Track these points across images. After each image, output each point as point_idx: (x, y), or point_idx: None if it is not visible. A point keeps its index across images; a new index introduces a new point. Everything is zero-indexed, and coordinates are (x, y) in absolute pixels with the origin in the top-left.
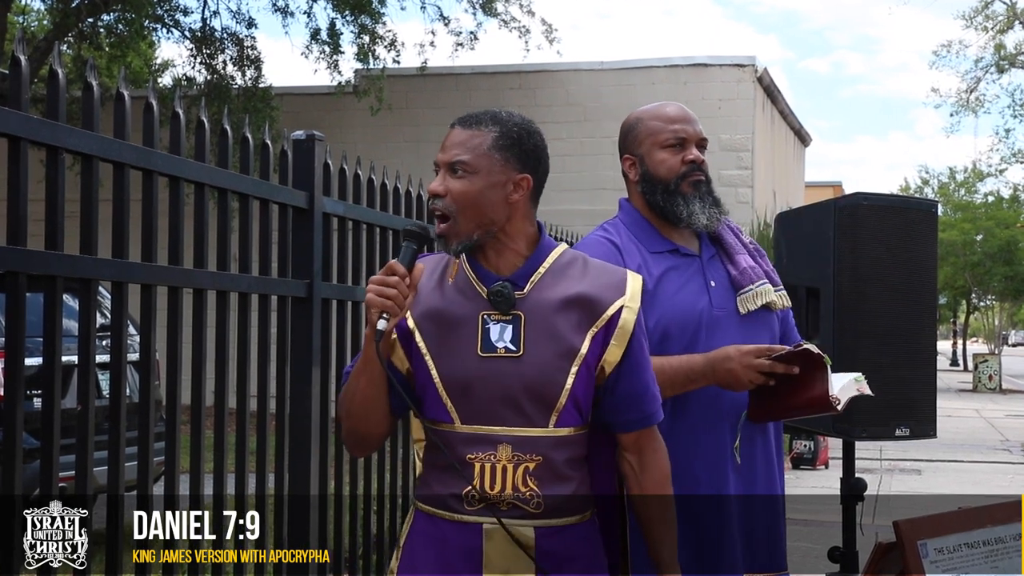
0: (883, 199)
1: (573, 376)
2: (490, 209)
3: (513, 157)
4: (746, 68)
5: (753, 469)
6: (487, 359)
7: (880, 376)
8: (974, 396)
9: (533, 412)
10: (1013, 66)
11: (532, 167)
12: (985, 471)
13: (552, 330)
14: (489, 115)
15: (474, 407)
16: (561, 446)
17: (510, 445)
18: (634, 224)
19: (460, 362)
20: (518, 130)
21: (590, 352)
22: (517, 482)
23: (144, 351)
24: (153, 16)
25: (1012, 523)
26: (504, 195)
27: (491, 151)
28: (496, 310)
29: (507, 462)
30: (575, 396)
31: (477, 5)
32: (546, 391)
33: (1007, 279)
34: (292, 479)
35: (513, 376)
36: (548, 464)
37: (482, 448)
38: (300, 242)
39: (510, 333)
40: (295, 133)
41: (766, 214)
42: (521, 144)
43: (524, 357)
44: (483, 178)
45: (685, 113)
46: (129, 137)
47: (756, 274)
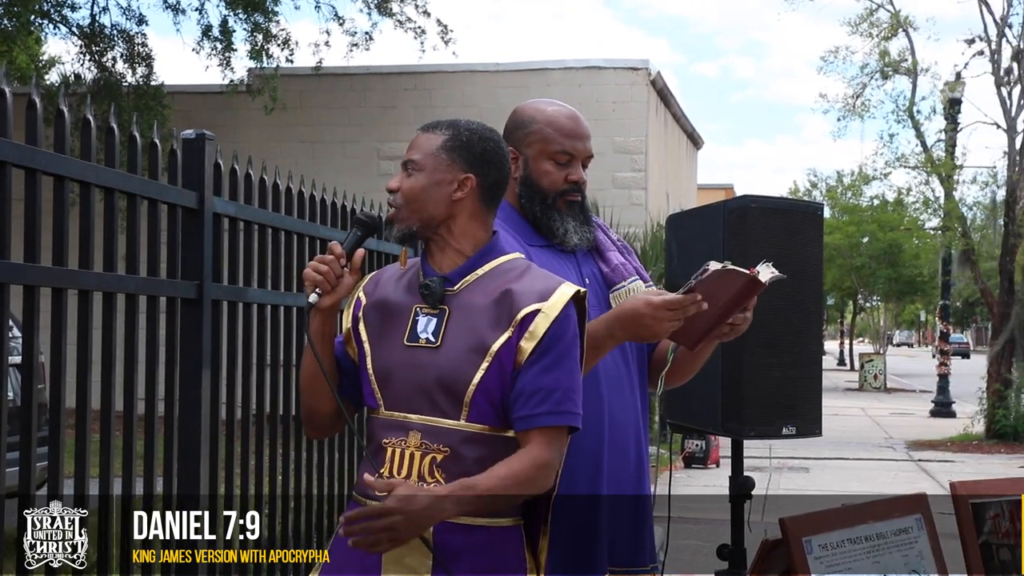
0: (771, 201)
1: (482, 371)
2: (432, 205)
3: (460, 158)
4: (640, 71)
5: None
6: (409, 348)
7: (767, 376)
8: (860, 395)
9: (445, 404)
10: (897, 72)
11: (479, 169)
12: (870, 468)
13: (471, 326)
14: (448, 121)
15: (395, 394)
16: (473, 443)
17: (419, 433)
18: (509, 220)
19: (388, 350)
20: (468, 134)
21: (504, 350)
22: (423, 471)
23: (27, 353)
24: (40, 11)
25: (893, 519)
26: (447, 193)
27: (439, 151)
28: (425, 303)
29: (415, 449)
30: (485, 391)
31: (372, 5)
32: (455, 383)
33: (891, 281)
34: (181, 482)
35: (429, 366)
36: (456, 458)
37: (396, 434)
38: (190, 243)
39: (433, 325)
40: (185, 132)
41: (659, 216)
42: (470, 147)
43: (441, 349)
44: (428, 175)
45: (580, 129)
46: (11, 135)
47: (627, 270)
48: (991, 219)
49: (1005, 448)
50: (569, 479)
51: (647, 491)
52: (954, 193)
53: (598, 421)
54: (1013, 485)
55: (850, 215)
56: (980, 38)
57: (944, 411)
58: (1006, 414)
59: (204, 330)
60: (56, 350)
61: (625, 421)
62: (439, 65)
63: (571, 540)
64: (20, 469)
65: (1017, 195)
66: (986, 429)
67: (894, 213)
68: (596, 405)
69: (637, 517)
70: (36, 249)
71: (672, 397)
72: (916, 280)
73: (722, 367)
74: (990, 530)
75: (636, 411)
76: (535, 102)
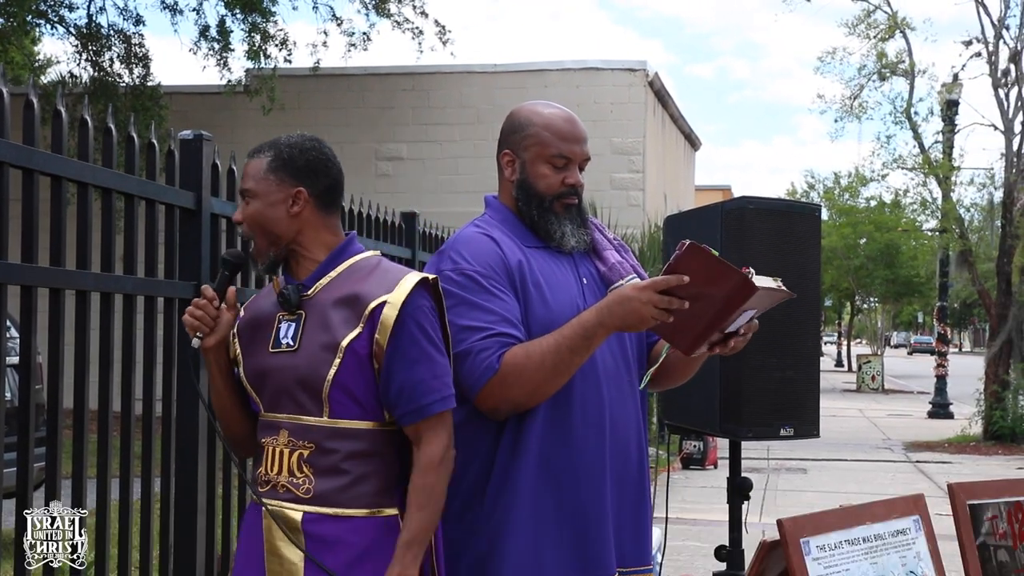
0: (768, 203)
1: (335, 367)
2: (275, 225)
3: (287, 175)
4: (637, 72)
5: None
6: (274, 354)
7: (765, 377)
8: (858, 396)
9: (306, 402)
10: (894, 74)
11: (307, 180)
12: (868, 469)
13: (325, 326)
14: (269, 142)
15: (266, 397)
16: (340, 438)
17: (287, 431)
18: (506, 222)
19: (257, 359)
20: (289, 150)
21: (357, 344)
22: (293, 467)
23: (25, 353)
24: (37, 11)
25: (891, 520)
26: (284, 210)
27: (266, 174)
28: (284, 310)
29: (284, 446)
30: (342, 386)
31: (370, 6)
32: (312, 381)
33: (888, 282)
34: (179, 483)
35: (289, 368)
36: (322, 453)
37: (270, 433)
38: (187, 243)
39: (292, 330)
40: (182, 133)
41: (657, 217)
42: (293, 162)
43: (298, 351)
44: (262, 199)
45: (577, 132)
46: (9, 135)
47: (625, 269)
48: (988, 221)
49: (1002, 449)
50: (574, 478)
51: (648, 490)
52: (952, 194)
53: (600, 420)
54: (1010, 486)
55: (847, 216)
56: (977, 39)
57: (942, 412)
58: (1003, 415)
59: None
60: (54, 350)
61: (626, 421)
62: (437, 66)
63: (580, 538)
64: (17, 469)
65: (1014, 197)
66: (983, 430)
67: (891, 215)
68: (598, 404)
69: (639, 516)
70: (34, 249)
71: (670, 398)
72: (913, 281)
73: (720, 368)
74: (988, 531)
75: (636, 411)
76: (531, 104)
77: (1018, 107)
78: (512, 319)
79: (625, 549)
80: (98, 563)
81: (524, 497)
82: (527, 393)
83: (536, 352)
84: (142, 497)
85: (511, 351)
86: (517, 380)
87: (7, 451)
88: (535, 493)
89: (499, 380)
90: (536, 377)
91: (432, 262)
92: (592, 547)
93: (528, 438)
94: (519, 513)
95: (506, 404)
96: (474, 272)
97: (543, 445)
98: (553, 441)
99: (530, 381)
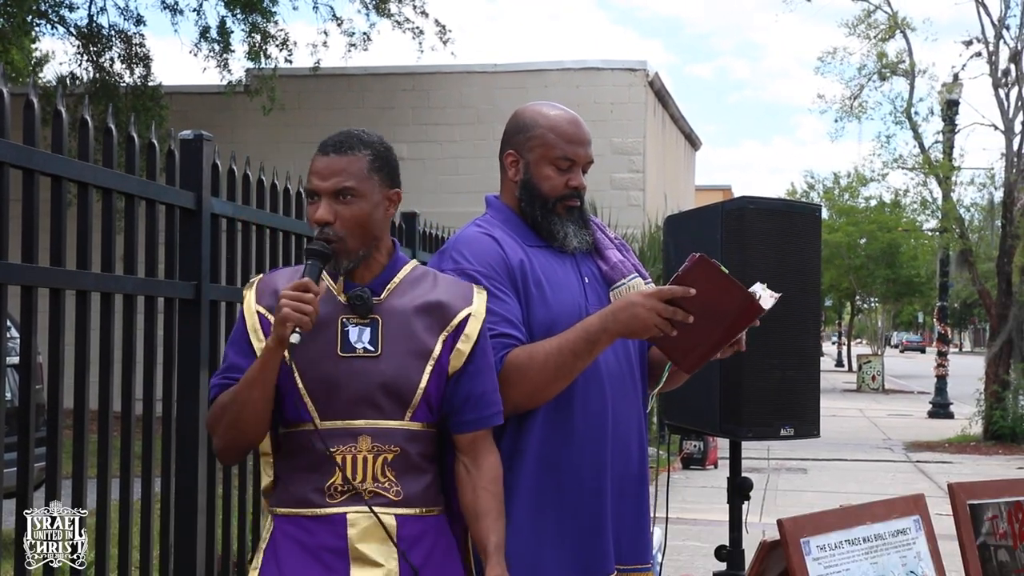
0: (769, 203)
1: (427, 375)
2: (376, 228)
3: (386, 176)
4: (637, 72)
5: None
6: (346, 359)
7: (765, 377)
8: (858, 396)
9: (388, 407)
10: (894, 74)
11: (398, 181)
12: (868, 469)
13: (408, 332)
14: (355, 138)
15: (334, 404)
16: (415, 440)
17: (370, 436)
18: (508, 222)
19: (321, 363)
20: (384, 149)
21: (442, 354)
22: (377, 472)
23: (25, 353)
24: (37, 11)
25: (891, 520)
26: (383, 212)
27: (370, 173)
28: (355, 314)
29: (367, 452)
30: (428, 393)
31: (370, 6)
32: (402, 388)
33: (889, 281)
34: (179, 483)
35: (372, 373)
36: (404, 456)
37: (343, 441)
38: (188, 243)
39: (368, 335)
40: (183, 133)
41: (657, 217)
42: (389, 162)
43: (382, 356)
44: (368, 200)
45: (581, 134)
46: (9, 135)
47: (626, 268)
48: (989, 220)
49: (1003, 449)
50: (576, 476)
51: (647, 489)
52: (952, 194)
53: (602, 419)
54: (1011, 486)
55: (847, 216)
56: (977, 39)
57: (942, 412)
58: (1004, 415)
59: (202, 331)
60: (54, 351)
61: (628, 420)
62: (437, 66)
63: (579, 538)
64: (18, 469)
65: (1015, 196)
66: (984, 430)
67: (891, 214)
68: (600, 403)
69: (640, 515)
70: (34, 249)
71: (670, 398)
72: (914, 281)
73: (720, 368)
74: (988, 531)
75: (637, 410)
76: (536, 105)
77: (1018, 107)
78: (514, 320)
79: (624, 547)
80: (98, 563)
81: (524, 497)
82: (528, 395)
83: (539, 354)
84: (142, 497)
85: (513, 352)
86: (519, 381)
87: (7, 451)
88: (535, 493)
89: (501, 381)
90: (538, 379)
91: (433, 262)
92: (592, 547)
93: (529, 438)
94: (519, 513)
95: (507, 405)
96: (475, 272)
97: (544, 445)
98: (554, 441)
99: (531, 383)
